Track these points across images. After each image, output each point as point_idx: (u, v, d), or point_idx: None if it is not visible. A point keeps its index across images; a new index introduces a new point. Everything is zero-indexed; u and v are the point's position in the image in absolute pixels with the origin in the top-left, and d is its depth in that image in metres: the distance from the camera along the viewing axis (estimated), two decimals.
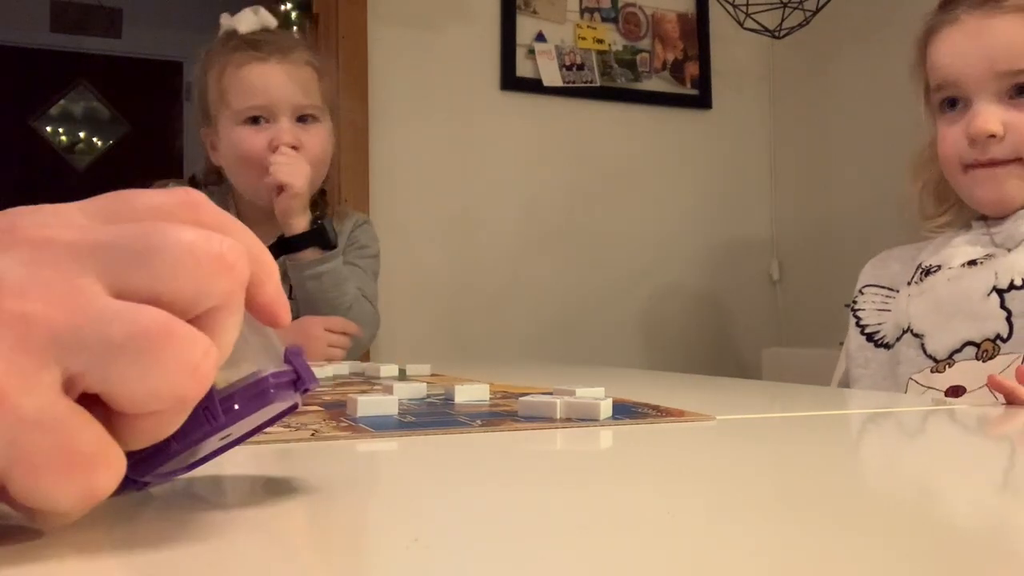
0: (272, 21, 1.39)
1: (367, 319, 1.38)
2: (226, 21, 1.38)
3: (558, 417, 0.61)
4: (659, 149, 2.72)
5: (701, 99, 2.76)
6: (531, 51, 2.55)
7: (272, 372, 0.34)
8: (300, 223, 1.32)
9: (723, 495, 0.41)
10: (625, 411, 0.65)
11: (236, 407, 0.32)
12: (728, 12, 2.37)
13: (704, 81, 2.76)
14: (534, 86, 2.55)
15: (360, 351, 1.37)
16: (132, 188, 0.35)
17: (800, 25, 2.35)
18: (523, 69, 2.55)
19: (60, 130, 4.80)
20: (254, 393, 0.33)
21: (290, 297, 1.36)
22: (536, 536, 0.33)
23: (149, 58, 4.75)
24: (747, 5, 2.32)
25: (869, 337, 1.06)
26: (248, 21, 1.36)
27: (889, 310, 1.06)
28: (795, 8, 2.30)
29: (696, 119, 2.76)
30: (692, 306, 2.74)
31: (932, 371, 0.95)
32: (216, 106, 1.36)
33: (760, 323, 2.79)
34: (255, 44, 1.34)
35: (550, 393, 0.67)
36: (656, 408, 0.67)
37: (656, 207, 2.71)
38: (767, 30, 2.36)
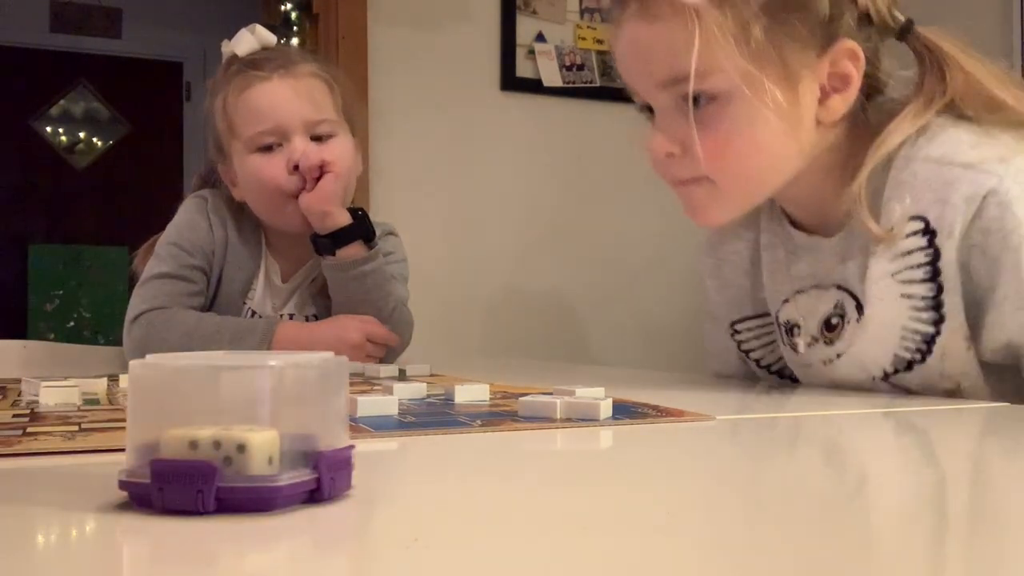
0: (271, 38, 1.28)
1: (407, 325, 1.27)
2: (225, 47, 1.27)
3: (558, 417, 0.61)
4: None
5: None
6: (531, 51, 2.55)
7: (288, 482, 0.34)
8: (340, 215, 1.21)
9: (723, 495, 0.41)
10: (625, 411, 0.65)
11: (235, 501, 0.34)
12: None
13: None
14: (534, 86, 2.55)
15: (395, 357, 1.25)
16: (132, 188, 0.36)
17: None
18: (523, 69, 2.55)
19: (60, 130, 4.80)
20: (258, 497, 0.34)
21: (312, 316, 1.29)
22: (536, 536, 0.33)
23: (149, 58, 4.75)
24: None
25: (780, 374, 1.02)
26: (246, 42, 1.25)
27: (774, 340, 1.00)
28: None
29: None
30: (692, 306, 2.73)
31: None
32: (226, 138, 1.25)
33: None
34: (255, 64, 1.22)
35: (550, 393, 0.67)
36: (656, 408, 0.67)
37: (656, 207, 2.70)
38: None
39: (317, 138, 1.22)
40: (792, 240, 0.95)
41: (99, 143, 4.84)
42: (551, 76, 2.57)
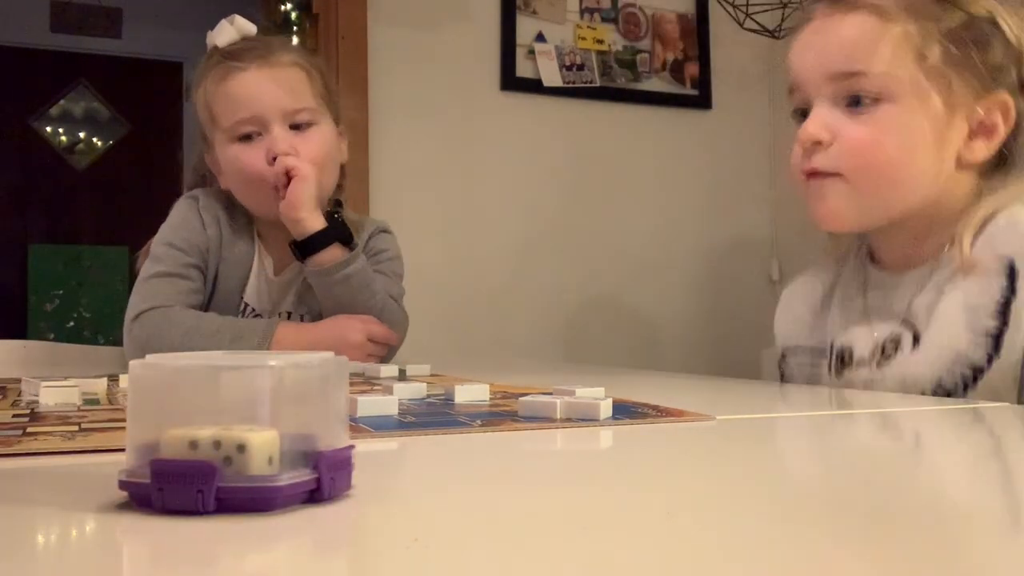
0: (251, 28, 1.29)
1: (398, 320, 1.26)
2: (208, 39, 1.28)
3: (558, 417, 0.61)
4: (659, 149, 2.72)
5: (701, 99, 2.76)
6: (531, 51, 2.55)
7: (288, 482, 0.34)
8: (314, 220, 1.20)
9: (723, 495, 0.41)
10: (625, 411, 0.65)
11: (235, 501, 0.34)
12: (728, 12, 2.37)
13: (704, 81, 2.76)
14: (534, 86, 2.55)
15: (391, 355, 1.25)
16: (132, 188, 0.37)
17: None
18: (523, 69, 2.54)
19: (60, 130, 4.80)
20: (258, 497, 0.34)
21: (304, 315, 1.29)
22: (536, 536, 0.33)
23: (149, 58, 4.75)
24: (747, 5, 2.32)
25: None
26: (225, 33, 1.27)
27: (816, 378, 1.01)
28: (795, 8, 2.30)
29: (696, 119, 2.76)
30: (692, 306, 2.74)
31: None
32: (209, 128, 1.27)
33: (760, 323, 2.77)
34: (234, 55, 1.24)
35: (550, 393, 0.67)
36: (656, 408, 0.67)
37: (656, 207, 2.71)
38: (767, 30, 2.36)
39: (296, 127, 1.23)
40: (870, 276, 0.98)
41: (99, 143, 4.84)
42: (551, 76, 2.56)
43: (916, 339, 0.89)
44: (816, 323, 1.03)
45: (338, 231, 1.23)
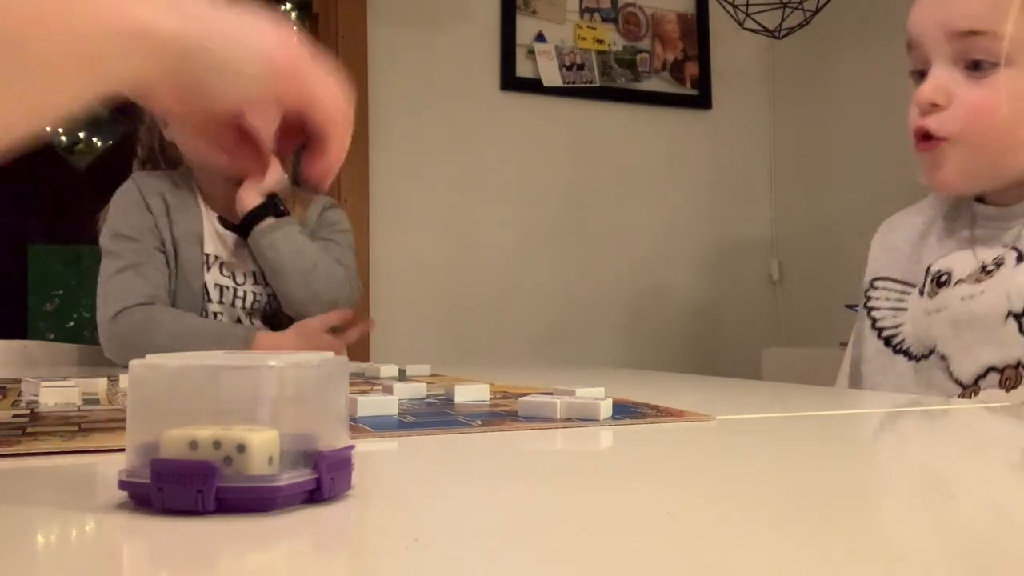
0: None
1: (333, 281, 1.36)
2: None
3: (558, 417, 0.61)
4: (659, 149, 2.72)
5: (701, 99, 2.76)
6: (531, 51, 2.55)
7: (288, 482, 0.34)
8: (252, 199, 1.34)
9: (723, 495, 0.41)
10: (625, 411, 0.65)
11: (235, 501, 0.34)
12: (728, 12, 2.37)
13: (704, 81, 2.76)
14: (534, 86, 2.55)
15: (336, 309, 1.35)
16: None
17: (800, 25, 2.35)
18: (523, 69, 2.55)
19: (60, 130, 4.79)
20: (258, 497, 0.34)
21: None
22: (536, 536, 0.33)
23: None
24: (747, 5, 2.32)
25: (887, 341, 0.97)
26: None
27: (905, 309, 0.97)
28: (795, 8, 2.30)
29: (696, 119, 2.76)
30: (692, 306, 2.74)
31: (960, 397, 0.86)
32: None
33: (760, 323, 2.79)
34: None
35: (550, 393, 0.67)
36: (656, 408, 0.67)
37: (656, 207, 2.71)
38: (767, 30, 2.36)
39: None
40: (977, 212, 0.96)
41: (99, 143, 4.84)
42: (551, 76, 2.57)
43: (1020, 257, 0.87)
44: (912, 256, 1.00)
45: (269, 209, 1.34)
